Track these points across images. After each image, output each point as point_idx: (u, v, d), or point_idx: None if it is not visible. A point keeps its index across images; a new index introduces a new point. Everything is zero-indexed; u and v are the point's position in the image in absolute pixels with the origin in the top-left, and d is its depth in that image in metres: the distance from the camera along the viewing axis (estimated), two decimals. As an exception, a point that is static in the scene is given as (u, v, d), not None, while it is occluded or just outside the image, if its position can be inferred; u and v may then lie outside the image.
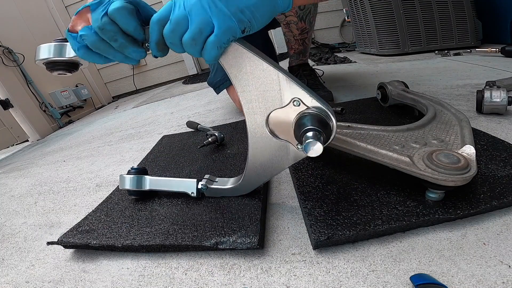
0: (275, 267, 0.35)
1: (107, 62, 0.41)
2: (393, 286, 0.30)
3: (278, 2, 0.34)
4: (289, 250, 0.38)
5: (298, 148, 0.38)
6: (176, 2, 0.34)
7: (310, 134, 0.32)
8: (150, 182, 0.52)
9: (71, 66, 0.42)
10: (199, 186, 0.48)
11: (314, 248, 0.37)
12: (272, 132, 0.39)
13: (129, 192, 0.53)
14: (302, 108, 0.35)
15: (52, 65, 0.41)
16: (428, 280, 0.28)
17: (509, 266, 0.29)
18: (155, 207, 0.50)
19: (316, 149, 0.32)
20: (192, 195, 0.49)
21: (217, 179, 0.50)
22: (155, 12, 0.38)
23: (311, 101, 0.35)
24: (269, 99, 0.36)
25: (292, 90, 0.35)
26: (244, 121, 0.40)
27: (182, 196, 0.51)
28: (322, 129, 0.33)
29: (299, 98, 0.35)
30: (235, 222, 0.41)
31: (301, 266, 0.35)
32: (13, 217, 0.67)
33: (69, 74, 0.43)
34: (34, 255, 0.49)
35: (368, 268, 0.32)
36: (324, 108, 0.34)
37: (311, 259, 0.35)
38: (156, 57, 0.39)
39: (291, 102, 0.35)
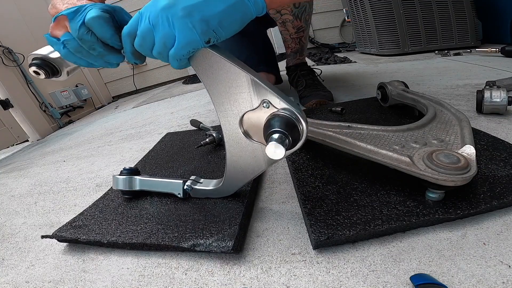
0: (275, 267, 0.35)
1: (89, 66, 0.42)
2: (393, 286, 0.30)
3: (249, 7, 0.33)
4: (289, 250, 0.38)
5: None
6: (143, 14, 0.34)
7: (275, 136, 0.32)
8: (140, 183, 0.53)
9: (53, 69, 0.44)
10: (184, 187, 0.49)
11: (314, 248, 0.37)
12: (246, 134, 0.39)
13: (122, 192, 0.54)
14: (272, 110, 0.35)
15: (37, 62, 0.43)
16: (428, 280, 0.28)
17: (509, 266, 0.29)
18: (145, 206, 0.51)
19: (278, 153, 0.31)
20: (179, 195, 0.50)
21: (202, 180, 0.51)
22: (131, 17, 0.38)
23: (279, 103, 0.35)
24: (241, 101, 0.37)
25: (262, 92, 0.35)
26: None
27: (171, 195, 0.52)
28: (288, 131, 0.33)
29: (268, 100, 0.35)
30: (215, 225, 0.42)
31: (301, 266, 0.35)
32: (13, 217, 0.67)
33: (42, 77, 0.44)
34: (34, 255, 0.49)
35: (368, 268, 0.32)
36: (294, 111, 0.34)
37: (311, 259, 0.35)
38: (136, 64, 0.41)
39: (261, 104, 0.36)
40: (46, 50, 0.44)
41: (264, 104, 0.35)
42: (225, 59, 0.35)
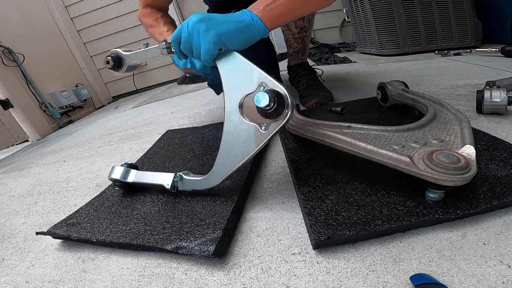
0: (275, 267, 0.35)
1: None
2: (393, 286, 0.30)
3: (254, 32, 0.45)
4: (289, 250, 0.38)
5: (262, 130, 0.41)
6: (183, 25, 0.45)
7: (263, 91, 0.39)
8: (133, 175, 0.55)
9: (119, 63, 0.59)
10: (174, 179, 0.50)
11: (314, 248, 0.37)
12: (242, 115, 0.43)
13: (115, 182, 0.56)
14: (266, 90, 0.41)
15: (112, 55, 0.59)
16: (428, 280, 0.28)
17: (509, 266, 0.29)
18: (137, 206, 0.52)
19: (263, 99, 0.38)
20: (167, 187, 0.51)
21: (192, 174, 0.53)
22: None
23: (273, 84, 0.41)
24: (243, 86, 0.43)
25: (260, 76, 0.42)
26: None
27: (163, 197, 0.53)
28: (277, 98, 0.39)
29: (265, 83, 0.41)
30: (200, 229, 0.42)
31: (301, 266, 0.35)
32: (13, 217, 0.67)
33: (109, 66, 0.59)
34: (34, 255, 0.49)
35: (368, 268, 0.32)
36: (283, 88, 0.40)
37: (311, 259, 0.35)
38: (181, 59, 0.57)
39: (259, 87, 0.42)
40: (121, 49, 0.58)
41: (261, 87, 0.41)
42: (237, 53, 0.44)
